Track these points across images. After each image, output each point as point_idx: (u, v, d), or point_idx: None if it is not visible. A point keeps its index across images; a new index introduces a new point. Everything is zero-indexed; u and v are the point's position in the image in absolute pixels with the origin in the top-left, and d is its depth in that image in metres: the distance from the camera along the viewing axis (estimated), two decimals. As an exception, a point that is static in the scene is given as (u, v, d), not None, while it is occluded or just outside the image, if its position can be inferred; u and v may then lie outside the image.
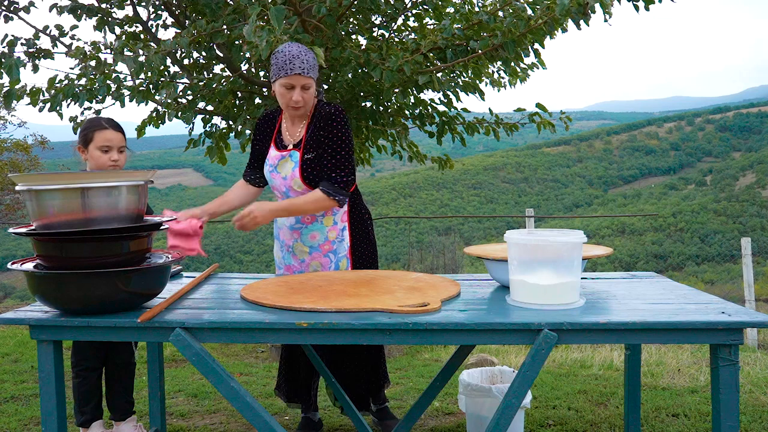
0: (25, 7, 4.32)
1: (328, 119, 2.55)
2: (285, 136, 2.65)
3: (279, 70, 2.45)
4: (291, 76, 2.45)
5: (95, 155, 2.57)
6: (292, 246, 2.70)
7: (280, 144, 2.64)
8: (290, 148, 2.60)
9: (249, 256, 40.51)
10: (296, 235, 2.68)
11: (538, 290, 1.90)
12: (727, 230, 46.58)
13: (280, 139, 2.65)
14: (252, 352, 4.95)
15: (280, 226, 2.75)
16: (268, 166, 2.64)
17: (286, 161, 2.59)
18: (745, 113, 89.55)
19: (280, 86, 2.48)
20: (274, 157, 2.62)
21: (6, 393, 3.79)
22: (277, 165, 2.61)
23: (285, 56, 2.44)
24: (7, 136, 14.76)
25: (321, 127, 2.56)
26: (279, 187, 2.64)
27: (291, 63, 2.44)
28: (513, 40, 3.80)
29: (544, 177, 73.52)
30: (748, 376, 4.04)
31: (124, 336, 1.83)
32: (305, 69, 2.44)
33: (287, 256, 2.74)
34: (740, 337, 1.74)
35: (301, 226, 2.66)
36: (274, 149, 2.64)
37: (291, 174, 2.58)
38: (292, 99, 2.48)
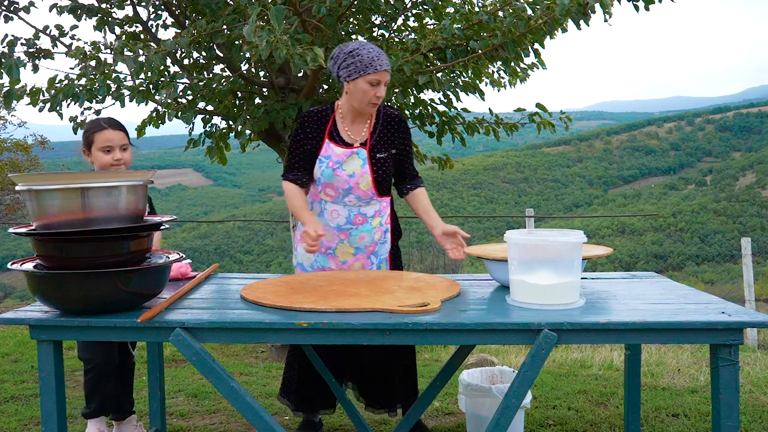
0: (25, 7, 4.32)
1: (401, 122, 2.69)
2: (345, 133, 2.62)
3: (366, 66, 2.44)
4: (380, 72, 2.46)
5: (98, 156, 2.56)
6: (333, 248, 2.65)
7: (341, 141, 2.61)
8: (356, 146, 2.60)
9: (249, 256, 40.53)
10: (343, 236, 2.64)
11: (538, 290, 1.90)
12: (727, 230, 46.58)
13: (339, 137, 2.62)
14: (252, 352, 4.95)
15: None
16: (332, 162, 2.57)
17: (353, 159, 2.58)
18: (745, 113, 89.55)
19: (365, 83, 2.47)
20: (340, 153, 2.58)
21: (6, 393, 3.79)
22: (343, 162, 2.58)
23: (369, 53, 2.45)
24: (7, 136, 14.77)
25: (395, 129, 2.66)
26: (341, 184, 2.59)
27: (378, 59, 2.46)
28: (513, 40, 3.80)
29: (544, 177, 73.52)
30: (748, 376, 4.04)
31: (124, 336, 1.83)
32: (388, 65, 2.49)
33: (322, 259, 2.67)
34: (740, 337, 1.74)
35: (351, 227, 2.62)
36: (335, 146, 2.60)
37: (360, 172, 2.58)
38: (375, 95, 2.48)
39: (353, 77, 2.47)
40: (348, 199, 2.60)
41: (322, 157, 2.59)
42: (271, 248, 41.15)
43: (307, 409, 2.90)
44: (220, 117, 4.65)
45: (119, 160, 2.58)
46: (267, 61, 3.76)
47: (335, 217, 2.62)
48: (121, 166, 2.59)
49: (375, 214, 2.64)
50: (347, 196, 2.60)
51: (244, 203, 72.93)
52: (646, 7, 3.77)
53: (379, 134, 2.63)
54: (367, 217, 2.63)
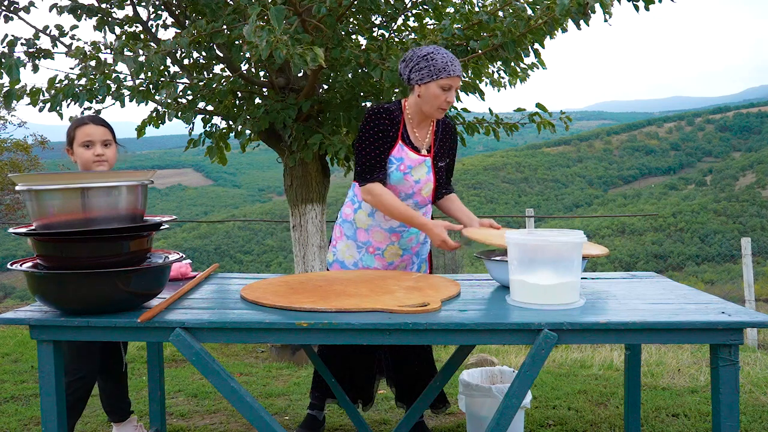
0: (25, 7, 4.32)
1: (454, 130, 2.73)
2: (415, 138, 2.60)
3: (440, 71, 2.43)
4: (453, 77, 2.45)
5: (79, 152, 2.46)
6: (383, 249, 2.65)
7: (412, 146, 2.59)
8: (424, 153, 2.61)
9: (249, 256, 40.54)
10: (395, 238, 2.64)
11: (538, 290, 1.90)
12: (727, 230, 46.58)
13: (410, 141, 2.59)
14: (252, 352, 4.95)
15: (369, 227, 2.65)
16: (404, 166, 2.55)
17: (422, 166, 2.58)
18: (745, 113, 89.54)
19: (437, 87, 2.45)
20: (414, 159, 2.56)
21: (6, 393, 3.79)
22: (414, 168, 2.56)
23: (443, 57, 2.44)
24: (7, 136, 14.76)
25: (450, 138, 2.70)
26: (406, 188, 2.58)
27: (452, 64, 2.45)
28: (513, 40, 3.80)
29: (544, 177, 73.51)
30: (748, 376, 4.04)
31: (124, 336, 1.83)
32: (461, 71, 2.50)
33: (368, 258, 2.66)
34: (740, 337, 1.74)
35: (404, 229, 2.62)
36: (409, 150, 2.56)
37: (425, 179, 2.59)
38: (446, 100, 2.47)
39: (425, 81, 2.45)
40: (406, 203, 2.60)
41: (393, 158, 2.55)
42: (271, 248, 41.16)
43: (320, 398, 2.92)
44: (220, 117, 4.65)
45: (100, 155, 2.45)
46: (267, 61, 3.76)
47: (389, 219, 2.61)
48: (104, 163, 2.46)
49: (425, 215, 2.67)
50: (406, 200, 2.60)
51: (244, 203, 72.92)
52: (646, 7, 3.77)
53: (440, 142, 2.65)
54: None
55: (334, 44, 3.94)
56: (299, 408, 3.49)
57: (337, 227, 2.76)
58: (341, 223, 2.74)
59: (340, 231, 2.74)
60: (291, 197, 4.69)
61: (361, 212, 2.66)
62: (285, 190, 4.78)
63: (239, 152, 4.92)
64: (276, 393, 3.79)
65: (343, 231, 2.73)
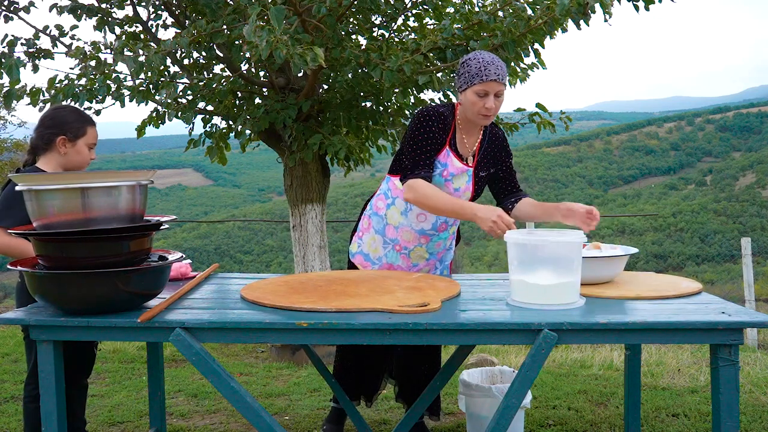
0: (25, 7, 4.32)
1: (503, 141, 2.67)
2: (462, 145, 2.56)
3: (473, 77, 2.39)
4: (487, 83, 2.38)
5: (83, 151, 2.45)
6: (410, 249, 2.62)
7: (458, 153, 2.55)
8: (469, 163, 2.57)
9: (249, 256, 40.52)
10: (424, 240, 2.61)
11: (537, 290, 1.90)
12: (727, 230, 46.55)
13: (456, 147, 2.56)
14: (252, 352, 4.95)
15: (399, 225, 2.61)
16: (447, 173, 2.52)
17: (463, 175, 2.54)
18: (745, 113, 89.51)
19: (473, 93, 2.41)
20: (457, 168, 2.52)
21: (6, 393, 3.79)
22: (456, 176, 2.53)
23: (479, 63, 2.40)
24: (7, 136, 14.76)
25: (497, 148, 2.64)
26: None
27: (486, 69, 2.38)
28: (513, 40, 3.80)
29: (544, 177, 73.49)
30: (748, 376, 4.04)
31: (124, 336, 1.83)
32: (500, 75, 2.40)
33: (394, 256, 2.64)
34: (740, 337, 1.74)
35: (435, 233, 2.60)
36: (455, 158, 2.52)
37: (464, 188, 2.55)
38: (484, 107, 2.40)
39: (463, 88, 2.44)
40: None
41: (438, 162, 2.51)
42: (271, 248, 41.14)
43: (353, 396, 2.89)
44: (220, 117, 4.65)
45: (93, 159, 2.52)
46: (267, 61, 3.76)
47: (421, 220, 2.58)
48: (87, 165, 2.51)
49: (454, 222, 2.65)
50: None
51: (244, 203, 72.88)
52: (646, 7, 3.77)
53: (485, 152, 2.60)
54: (448, 225, 2.62)
55: (334, 44, 3.94)
56: (299, 408, 3.49)
57: (366, 218, 2.71)
58: (371, 215, 2.69)
59: (369, 223, 2.69)
60: (291, 197, 4.69)
61: (393, 208, 2.62)
62: (285, 190, 4.78)
63: (239, 152, 4.92)
64: (276, 393, 3.79)
65: (371, 224, 2.68)
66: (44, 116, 2.49)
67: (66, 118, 2.46)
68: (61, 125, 2.43)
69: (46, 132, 2.42)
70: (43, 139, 2.42)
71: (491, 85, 2.39)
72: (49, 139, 2.41)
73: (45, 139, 2.42)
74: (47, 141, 2.41)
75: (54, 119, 2.45)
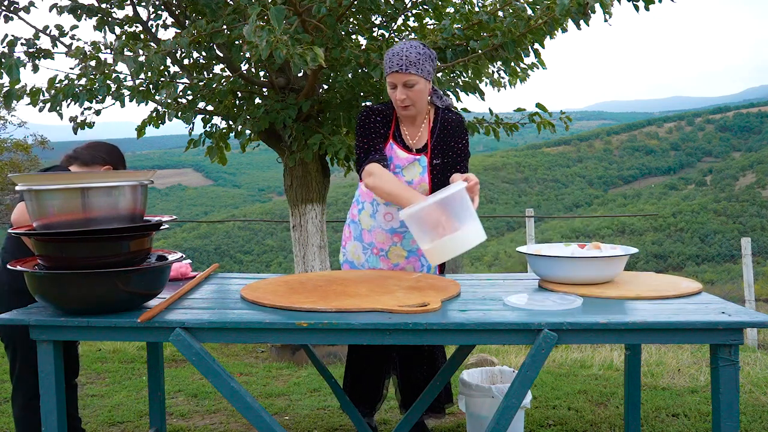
0: (25, 7, 4.32)
1: (458, 126, 2.57)
2: (406, 137, 2.56)
3: (386, 68, 2.41)
4: (391, 74, 2.39)
5: None
6: (386, 250, 2.63)
7: (403, 144, 2.55)
8: (417, 152, 2.54)
9: (249, 256, 40.52)
10: (396, 239, 2.61)
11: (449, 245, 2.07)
12: (727, 230, 46.56)
13: (401, 139, 2.55)
14: (252, 352, 4.95)
15: (371, 228, 2.64)
16: (393, 166, 2.52)
17: (414, 165, 2.53)
18: (745, 113, 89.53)
19: (387, 86, 2.43)
20: (403, 159, 2.52)
21: (6, 393, 3.79)
22: (404, 167, 2.53)
23: (388, 55, 2.39)
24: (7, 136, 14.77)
25: (451, 135, 2.56)
26: None
27: (390, 61, 2.37)
28: (513, 40, 3.80)
29: (544, 177, 73.52)
30: (748, 376, 4.04)
31: (124, 336, 1.83)
32: (404, 65, 2.35)
33: (374, 260, 2.65)
34: (740, 337, 1.74)
35: (405, 230, 2.59)
36: (399, 149, 2.53)
37: (419, 179, 2.53)
38: (397, 98, 2.41)
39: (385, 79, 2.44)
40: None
41: (390, 158, 2.53)
42: (271, 248, 41.14)
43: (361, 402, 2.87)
44: (220, 117, 4.65)
45: None
46: (267, 61, 3.76)
47: (389, 219, 2.59)
48: None
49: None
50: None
51: (244, 203, 72.88)
52: (646, 7, 3.77)
53: (437, 139, 2.56)
54: None
55: (334, 44, 3.94)
56: (299, 408, 3.49)
57: (347, 227, 2.74)
58: (350, 222, 2.73)
59: (349, 231, 2.73)
60: (291, 197, 4.69)
61: (364, 212, 2.65)
62: (285, 190, 4.78)
63: (239, 152, 4.92)
64: (276, 393, 3.79)
65: (351, 231, 2.72)
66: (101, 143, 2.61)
67: (119, 157, 2.61)
68: (115, 160, 2.57)
69: (99, 155, 2.54)
70: (92, 157, 2.53)
71: (395, 77, 2.38)
72: (96, 161, 2.52)
73: (94, 158, 2.53)
74: (94, 160, 2.53)
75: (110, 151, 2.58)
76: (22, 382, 2.38)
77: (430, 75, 2.43)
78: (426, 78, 2.41)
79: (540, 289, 2.23)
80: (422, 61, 2.38)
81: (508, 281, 2.41)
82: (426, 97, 2.48)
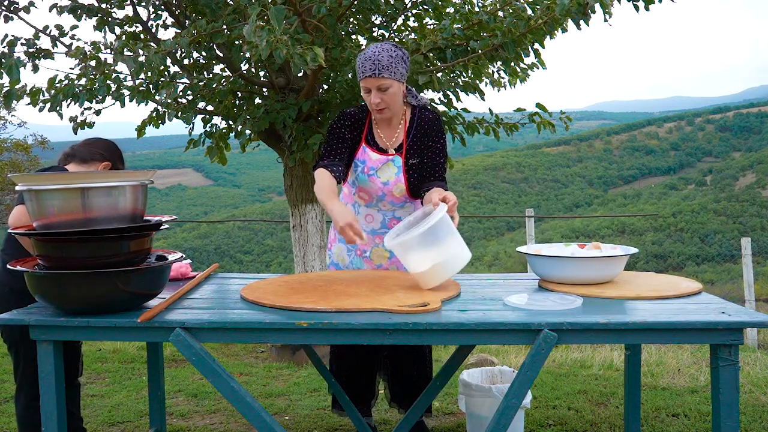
0: (25, 7, 4.31)
1: (434, 125, 2.56)
2: (380, 138, 2.56)
3: (359, 72, 2.40)
4: (364, 79, 2.38)
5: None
6: (369, 251, 2.64)
7: (376, 146, 2.55)
8: (392, 153, 2.54)
9: (249, 256, 40.51)
10: (378, 240, 2.62)
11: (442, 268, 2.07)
12: (727, 230, 46.54)
13: (374, 142, 2.55)
14: (252, 352, 4.95)
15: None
16: (367, 168, 2.53)
17: (388, 166, 2.53)
18: (745, 113, 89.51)
19: (362, 90, 2.43)
20: (375, 160, 2.53)
21: (6, 393, 3.79)
22: (378, 169, 2.53)
23: (360, 59, 2.38)
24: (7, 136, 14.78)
25: (427, 134, 2.55)
26: (374, 191, 2.56)
27: (362, 65, 2.37)
28: (513, 40, 3.80)
29: (544, 177, 73.49)
30: (748, 376, 4.04)
31: (124, 336, 1.83)
32: (377, 69, 2.35)
33: (358, 261, 2.67)
34: (740, 337, 1.74)
35: (387, 230, 2.59)
36: (372, 151, 2.54)
37: (394, 179, 2.53)
38: (372, 102, 2.41)
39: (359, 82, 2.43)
40: (382, 203, 2.58)
41: (357, 161, 2.54)
42: (271, 248, 41.13)
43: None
44: (220, 117, 4.65)
45: None
46: (267, 61, 3.76)
47: (370, 221, 2.60)
48: None
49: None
50: (381, 202, 2.58)
51: (244, 203, 72.87)
52: (646, 7, 3.77)
53: (413, 138, 2.55)
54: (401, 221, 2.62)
55: (334, 44, 3.94)
56: (299, 408, 3.49)
57: (332, 229, 2.76)
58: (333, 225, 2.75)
59: (334, 234, 2.74)
60: (291, 197, 4.69)
61: None
62: (285, 190, 4.78)
63: (239, 152, 4.92)
64: (276, 393, 3.79)
65: (335, 234, 2.73)
66: (99, 140, 2.57)
67: (118, 154, 2.57)
68: (113, 156, 2.53)
69: (97, 152, 2.50)
70: (90, 154, 2.48)
71: (369, 81, 2.38)
72: (94, 158, 2.48)
73: (92, 155, 2.49)
74: (92, 158, 2.48)
75: (108, 148, 2.54)
76: (25, 381, 2.38)
77: (403, 77, 2.44)
78: (399, 80, 2.41)
79: (540, 289, 2.23)
80: (395, 63, 2.38)
81: (508, 281, 2.41)
82: (401, 99, 2.48)
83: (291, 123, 4.25)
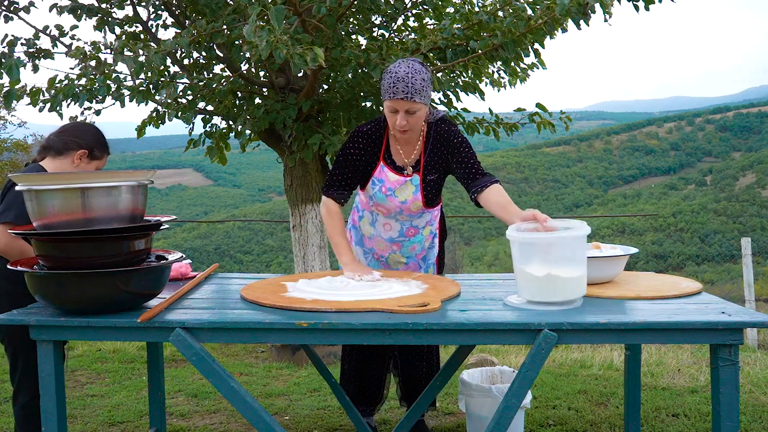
0: (25, 7, 4.32)
1: (450, 137, 2.48)
2: (398, 155, 2.51)
3: (384, 91, 2.32)
4: (394, 101, 2.30)
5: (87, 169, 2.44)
6: (386, 257, 2.66)
7: (394, 165, 2.50)
8: (410, 173, 2.50)
9: (249, 256, 40.49)
10: (396, 247, 2.63)
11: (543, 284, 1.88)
12: (727, 230, 46.53)
13: (392, 160, 2.51)
14: (252, 352, 4.94)
15: (371, 236, 2.65)
16: (385, 189, 2.50)
17: (406, 186, 2.49)
18: (746, 113, 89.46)
19: (387, 108, 2.35)
20: (394, 181, 2.49)
21: (6, 393, 3.79)
22: (396, 189, 2.50)
23: (391, 77, 2.29)
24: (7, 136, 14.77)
25: (445, 146, 2.48)
26: (392, 207, 2.53)
27: (394, 86, 2.28)
28: (513, 40, 3.80)
29: (544, 177, 73.46)
30: (748, 376, 4.04)
31: (124, 336, 1.83)
32: (409, 93, 2.27)
33: (374, 264, 2.68)
34: (740, 337, 1.74)
35: (404, 239, 2.61)
36: (390, 171, 2.49)
37: (412, 198, 2.50)
38: (396, 123, 2.33)
39: (383, 98, 2.36)
40: (399, 216, 2.58)
41: (375, 179, 2.50)
42: (271, 248, 41.12)
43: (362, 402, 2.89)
44: (220, 117, 4.65)
45: None
46: (267, 61, 3.76)
47: (388, 230, 2.61)
48: None
49: (426, 224, 2.64)
50: (396, 216, 2.58)
51: (244, 203, 72.84)
52: (646, 7, 3.77)
53: (430, 154, 2.50)
54: (418, 229, 2.62)
55: (334, 44, 3.94)
56: (299, 408, 3.49)
57: (348, 231, 2.74)
58: (351, 227, 2.76)
59: (350, 235, 2.75)
60: (291, 197, 4.69)
61: (364, 220, 2.67)
62: (285, 190, 4.78)
63: (239, 152, 4.92)
64: (276, 393, 3.79)
65: (352, 236, 2.74)
66: (74, 125, 2.48)
67: (95, 137, 2.45)
68: (88, 141, 2.42)
69: (71, 140, 2.39)
70: (64, 144, 2.39)
71: (398, 103, 2.30)
72: (69, 147, 2.38)
73: (66, 144, 2.39)
74: (66, 147, 2.39)
75: (83, 133, 2.43)
76: (24, 381, 2.37)
77: (429, 98, 2.40)
78: (426, 104, 2.37)
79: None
80: (426, 87, 2.33)
81: (508, 281, 2.41)
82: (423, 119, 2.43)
83: (291, 123, 4.25)
